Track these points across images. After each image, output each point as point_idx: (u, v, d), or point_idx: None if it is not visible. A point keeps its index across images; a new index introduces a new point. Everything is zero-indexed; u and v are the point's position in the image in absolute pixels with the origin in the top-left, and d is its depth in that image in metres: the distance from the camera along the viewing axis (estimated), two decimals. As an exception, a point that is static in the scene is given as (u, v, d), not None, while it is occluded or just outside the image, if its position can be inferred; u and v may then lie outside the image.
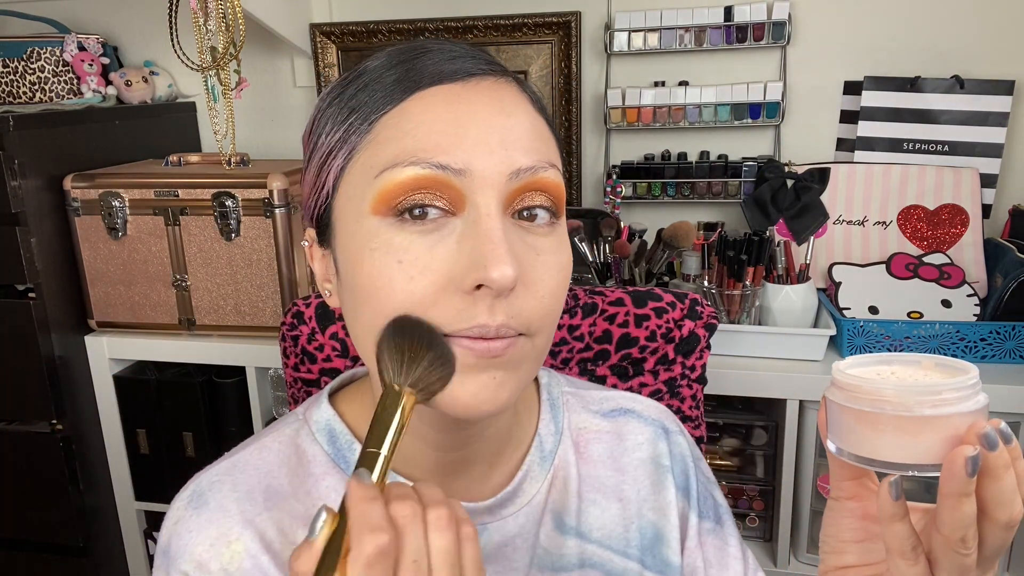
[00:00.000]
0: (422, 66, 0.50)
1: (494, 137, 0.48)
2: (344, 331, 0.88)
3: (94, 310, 1.45)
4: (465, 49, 0.52)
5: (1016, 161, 1.48)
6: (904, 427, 0.44)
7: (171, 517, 0.58)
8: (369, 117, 0.50)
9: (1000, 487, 0.43)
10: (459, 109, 0.48)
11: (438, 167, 0.47)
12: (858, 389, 0.45)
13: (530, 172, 0.49)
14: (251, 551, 0.54)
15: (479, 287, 0.46)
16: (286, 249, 1.36)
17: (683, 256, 1.41)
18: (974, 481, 0.43)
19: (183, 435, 1.48)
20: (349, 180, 0.51)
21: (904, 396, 0.44)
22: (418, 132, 0.48)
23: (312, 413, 0.62)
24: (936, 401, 0.43)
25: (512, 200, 0.49)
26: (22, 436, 1.44)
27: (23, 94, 1.57)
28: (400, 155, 0.48)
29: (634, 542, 0.64)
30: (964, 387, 0.44)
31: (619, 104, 1.54)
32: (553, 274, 0.50)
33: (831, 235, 1.46)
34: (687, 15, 1.49)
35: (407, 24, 1.60)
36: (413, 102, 0.49)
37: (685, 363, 0.92)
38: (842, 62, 1.51)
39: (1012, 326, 1.22)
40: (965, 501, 0.43)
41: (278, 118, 1.78)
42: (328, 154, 0.52)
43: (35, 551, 1.51)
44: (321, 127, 0.53)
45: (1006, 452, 0.43)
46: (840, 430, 0.47)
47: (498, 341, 0.47)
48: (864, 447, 0.45)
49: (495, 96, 0.50)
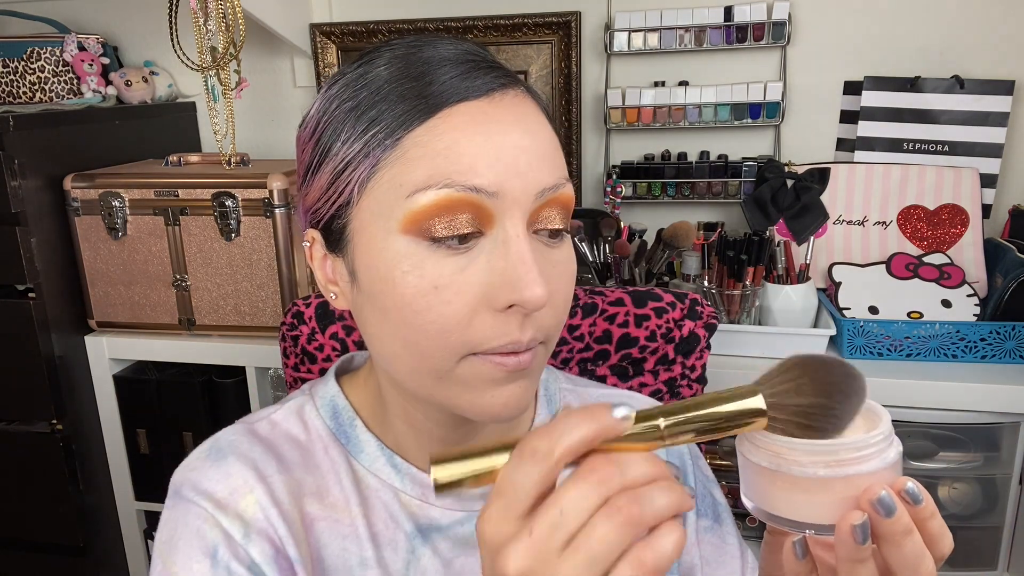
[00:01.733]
0: (444, 79, 0.50)
1: (522, 159, 0.49)
2: (344, 331, 0.88)
3: (94, 310, 1.45)
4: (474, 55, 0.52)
5: (1016, 161, 1.48)
6: (800, 486, 0.41)
7: (187, 466, 0.59)
8: (394, 132, 0.49)
9: (901, 553, 0.41)
10: (489, 130, 0.49)
11: (472, 190, 0.48)
12: (757, 442, 0.43)
13: (552, 190, 0.51)
14: (263, 504, 0.56)
15: (511, 306, 0.48)
16: (286, 249, 1.36)
17: (683, 256, 1.41)
18: (868, 548, 0.41)
19: (183, 435, 1.48)
20: (373, 195, 0.50)
21: (800, 455, 0.41)
22: (450, 153, 0.48)
23: (318, 389, 0.64)
24: (832, 461, 0.41)
25: (534, 219, 0.51)
26: (22, 436, 1.44)
27: (23, 94, 1.57)
28: (433, 176, 0.48)
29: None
30: (867, 445, 0.41)
31: (619, 104, 1.54)
32: (566, 282, 0.53)
33: (831, 235, 1.46)
34: (687, 15, 1.49)
35: (407, 24, 1.60)
36: (441, 120, 0.49)
37: (685, 363, 0.92)
38: (842, 62, 1.51)
39: (1012, 326, 1.22)
40: (860, 568, 0.42)
41: (278, 118, 1.78)
42: (347, 165, 0.51)
43: (35, 551, 1.51)
44: (334, 134, 0.52)
45: (905, 517, 0.41)
46: (746, 482, 0.45)
47: (526, 353, 0.51)
48: (766, 502, 0.43)
49: (519, 113, 0.51)
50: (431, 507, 0.60)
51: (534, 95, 0.55)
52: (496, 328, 0.49)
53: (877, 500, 0.40)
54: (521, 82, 0.54)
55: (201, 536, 0.54)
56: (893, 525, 0.41)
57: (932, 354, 1.24)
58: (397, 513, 0.60)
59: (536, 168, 0.50)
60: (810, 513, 0.42)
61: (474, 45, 0.54)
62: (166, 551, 0.55)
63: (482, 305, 0.49)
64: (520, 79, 0.55)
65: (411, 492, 0.60)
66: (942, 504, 1.26)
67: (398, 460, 0.60)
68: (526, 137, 0.50)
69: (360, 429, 0.61)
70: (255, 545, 0.54)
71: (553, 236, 0.52)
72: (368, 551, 0.58)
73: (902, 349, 1.24)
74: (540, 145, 0.51)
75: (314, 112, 0.55)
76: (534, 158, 0.50)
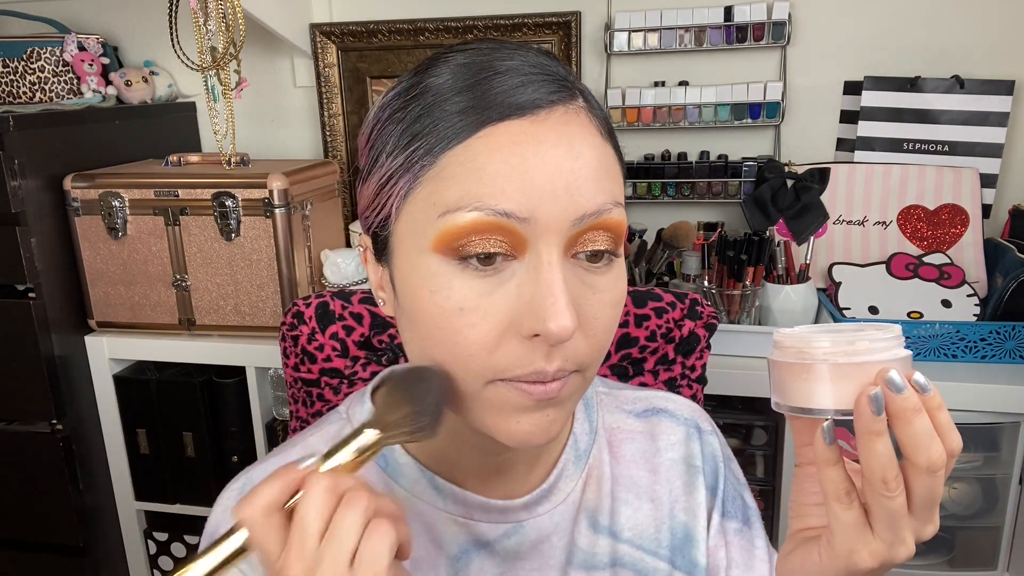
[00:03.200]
0: (491, 94, 0.48)
1: (560, 182, 0.47)
2: (344, 331, 0.88)
3: (94, 310, 1.45)
4: (534, 66, 0.50)
5: (1016, 161, 1.48)
6: (823, 375, 0.47)
7: (221, 504, 0.60)
8: (433, 149, 0.48)
9: (912, 430, 0.45)
10: (527, 152, 0.47)
11: (502, 214, 0.46)
12: (788, 344, 0.49)
13: (594, 216, 0.48)
14: None
15: (537, 335, 0.47)
16: (286, 249, 1.36)
17: (683, 256, 1.41)
18: (882, 420, 0.45)
19: (183, 435, 1.48)
20: (410, 212, 0.50)
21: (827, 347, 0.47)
22: (483, 175, 0.47)
23: (355, 411, 0.64)
24: (854, 350, 0.47)
25: (574, 243, 0.48)
26: (22, 436, 1.44)
27: (23, 94, 1.57)
28: (464, 198, 0.47)
29: (665, 542, 0.65)
30: (882, 339, 0.47)
31: (619, 104, 1.54)
32: (608, 311, 0.51)
33: (831, 235, 1.46)
34: (687, 15, 1.49)
35: (407, 24, 1.60)
36: (480, 140, 0.47)
37: (685, 363, 0.92)
38: (842, 62, 1.51)
39: (1012, 326, 1.22)
40: (877, 440, 0.45)
41: (278, 118, 1.78)
42: (389, 178, 0.51)
43: (35, 551, 1.51)
44: (382, 143, 0.52)
45: (914, 396, 0.45)
46: (777, 385, 0.50)
47: (554, 383, 0.49)
48: (794, 397, 0.49)
49: (564, 133, 0.48)
50: (476, 523, 0.60)
51: (593, 110, 0.52)
52: (522, 356, 0.48)
53: (888, 378, 0.45)
54: (582, 94, 0.52)
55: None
56: (904, 402, 0.45)
57: (932, 354, 1.24)
58: (440, 535, 0.59)
59: (577, 192, 0.47)
60: (833, 399, 0.47)
61: (538, 54, 0.51)
62: None
63: (510, 330, 0.48)
64: (582, 91, 0.52)
65: (454, 511, 0.60)
66: (942, 504, 1.26)
67: (440, 481, 0.60)
68: (567, 159, 0.47)
69: (399, 452, 0.61)
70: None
71: (595, 260, 0.49)
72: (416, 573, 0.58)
73: (902, 349, 1.24)
74: (584, 167, 0.48)
75: (370, 119, 0.54)
76: (576, 181, 0.47)
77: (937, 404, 0.46)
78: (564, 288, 0.46)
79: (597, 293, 0.50)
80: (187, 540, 1.57)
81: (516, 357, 0.48)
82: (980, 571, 1.28)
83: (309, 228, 1.42)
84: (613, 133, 0.53)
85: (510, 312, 0.47)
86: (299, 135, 1.78)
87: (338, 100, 1.69)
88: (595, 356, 0.51)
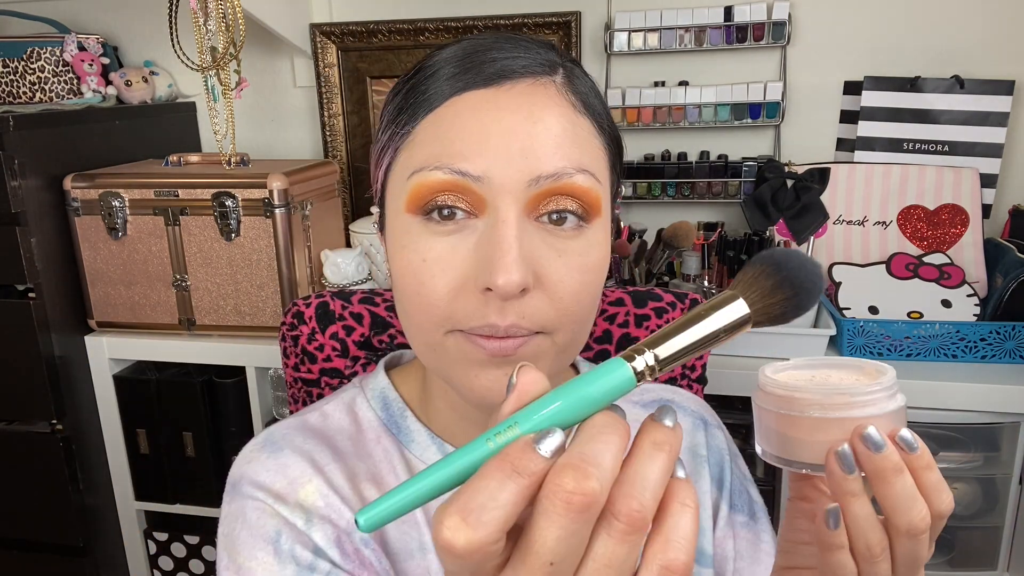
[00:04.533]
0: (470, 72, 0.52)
1: (515, 144, 0.49)
2: (344, 331, 0.88)
3: (94, 310, 1.45)
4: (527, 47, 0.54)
5: (1016, 161, 1.48)
6: (800, 427, 0.45)
7: (244, 458, 0.61)
8: (410, 121, 0.53)
9: (891, 491, 0.43)
10: (485, 116, 0.50)
11: (458, 173, 0.49)
12: (772, 390, 0.47)
13: (552, 179, 0.50)
14: (323, 492, 0.58)
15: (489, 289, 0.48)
16: (286, 249, 1.36)
17: (683, 256, 1.41)
18: (856, 480, 0.43)
19: (183, 435, 1.48)
20: (393, 179, 0.55)
21: (810, 398, 0.45)
22: (446, 138, 0.50)
23: (368, 382, 0.67)
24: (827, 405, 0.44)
25: (537, 204, 0.50)
26: (22, 436, 1.44)
27: (23, 94, 1.57)
28: (428, 159, 0.51)
29: None
30: (869, 392, 0.44)
31: (619, 104, 1.54)
32: (575, 275, 0.51)
33: (831, 235, 1.46)
34: (687, 15, 1.49)
35: (407, 24, 1.60)
36: (447, 107, 0.51)
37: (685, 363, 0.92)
38: (842, 62, 1.51)
39: (1012, 326, 1.22)
40: (852, 501, 0.44)
41: (278, 118, 1.78)
42: (381, 151, 0.56)
43: (35, 551, 1.51)
44: (382, 122, 0.57)
45: (894, 455, 0.43)
46: (760, 430, 0.48)
47: (508, 340, 0.50)
48: (772, 444, 0.47)
49: (526, 101, 0.51)
50: None
51: (572, 85, 0.54)
52: (476, 309, 0.50)
53: (865, 435, 0.43)
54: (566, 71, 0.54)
55: (261, 526, 0.56)
56: (882, 461, 0.42)
57: (932, 354, 1.24)
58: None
59: (532, 155, 0.49)
60: (807, 453, 0.45)
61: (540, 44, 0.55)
62: (228, 544, 0.57)
63: (467, 284, 0.50)
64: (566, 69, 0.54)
65: None
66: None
67: (448, 447, 0.62)
68: (525, 124, 0.50)
69: (411, 419, 0.64)
70: (317, 530, 0.56)
71: (559, 223, 0.51)
72: (427, 535, 0.60)
73: (902, 349, 1.24)
74: (545, 132, 0.50)
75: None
76: (533, 144, 0.50)
77: (925, 463, 0.43)
78: (516, 245, 0.48)
79: (563, 256, 0.51)
80: (187, 540, 1.57)
81: (472, 309, 0.50)
82: (980, 571, 1.28)
83: (309, 228, 1.42)
84: (601, 113, 0.55)
85: (468, 266, 0.50)
86: (299, 135, 1.78)
87: (338, 100, 1.69)
88: (562, 320, 0.51)
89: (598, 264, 0.53)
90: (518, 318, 0.49)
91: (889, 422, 0.44)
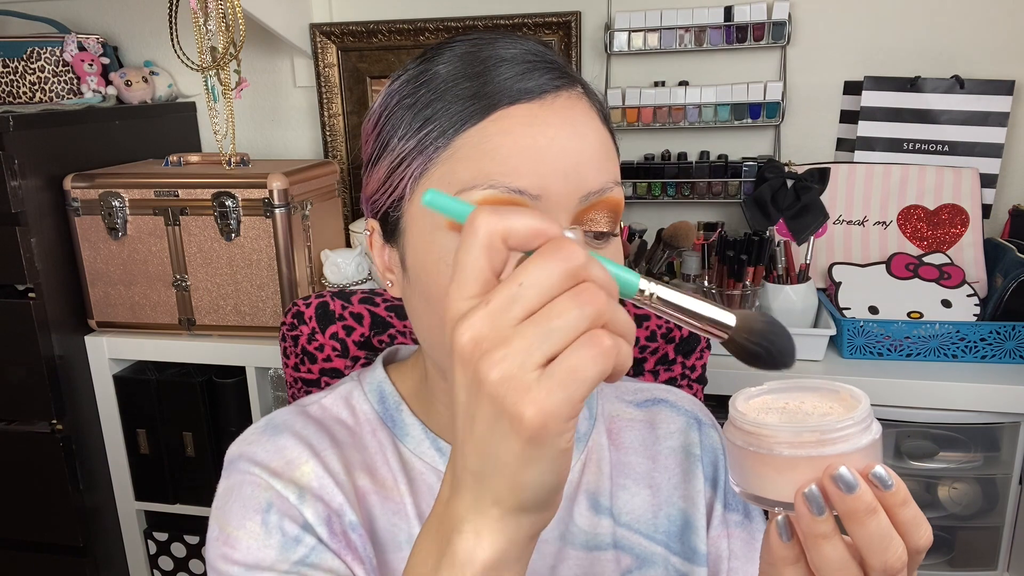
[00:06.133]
0: (499, 80, 0.51)
1: (568, 161, 0.50)
2: (344, 331, 0.88)
3: (94, 310, 1.45)
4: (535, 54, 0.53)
5: (1016, 161, 1.48)
6: (771, 465, 0.43)
7: (243, 440, 0.62)
8: (447, 131, 0.51)
9: (866, 532, 0.41)
10: (536, 132, 0.50)
11: (516, 191, 0.49)
12: (742, 425, 0.45)
13: (598, 194, 0.52)
14: (318, 474, 0.59)
15: None
16: (286, 249, 1.36)
17: (683, 256, 1.41)
18: (827, 521, 0.42)
19: (183, 435, 1.48)
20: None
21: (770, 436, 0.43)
22: (496, 155, 0.50)
23: (366, 376, 0.68)
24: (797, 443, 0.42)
25: (580, 219, 0.52)
26: (22, 436, 1.44)
27: (23, 94, 1.57)
28: (478, 177, 0.50)
29: (662, 528, 0.66)
30: (832, 429, 0.42)
31: (619, 104, 1.54)
32: None
33: (831, 235, 1.46)
34: (687, 15, 1.49)
35: (407, 24, 1.60)
36: (492, 122, 0.50)
37: (685, 363, 0.92)
38: (842, 62, 1.51)
39: (1012, 326, 1.22)
40: (823, 543, 0.42)
41: (278, 118, 1.78)
42: (402, 160, 0.54)
43: (35, 551, 1.51)
44: (392, 129, 0.55)
45: (867, 495, 0.41)
46: (733, 464, 0.47)
47: None
48: (745, 481, 0.45)
49: (569, 116, 0.52)
50: None
51: (591, 96, 0.56)
52: None
53: (837, 475, 0.41)
54: (579, 82, 0.55)
55: (254, 497, 0.57)
56: (854, 502, 0.41)
57: (932, 354, 1.24)
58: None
59: (582, 171, 0.51)
60: (779, 491, 0.43)
61: (536, 44, 0.55)
62: (220, 515, 0.58)
63: None
64: (579, 80, 0.56)
65: None
66: (942, 504, 1.26)
67: (442, 443, 0.63)
68: (574, 140, 0.51)
69: (406, 413, 0.64)
70: (309, 507, 0.57)
71: (598, 238, 0.53)
72: (416, 529, 0.60)
73: (902, 349, 1.24)
74: (589, 148, 0.51)
75: (377, 106, 0.57)
76: (581, 161, 0.51)
77: (901, 500, 0.42)
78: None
79: None
80: (187, 540, 1.57)
81: None
82: (980, 571, 1.28)
83: (309, 228, 1.42)
84: (610, 120, 0.57)
85: None
86: (299, 135, 1.78)
87: (338, 100, 1.69)
88: None
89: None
90: None
91: (862, 458, 0.42)
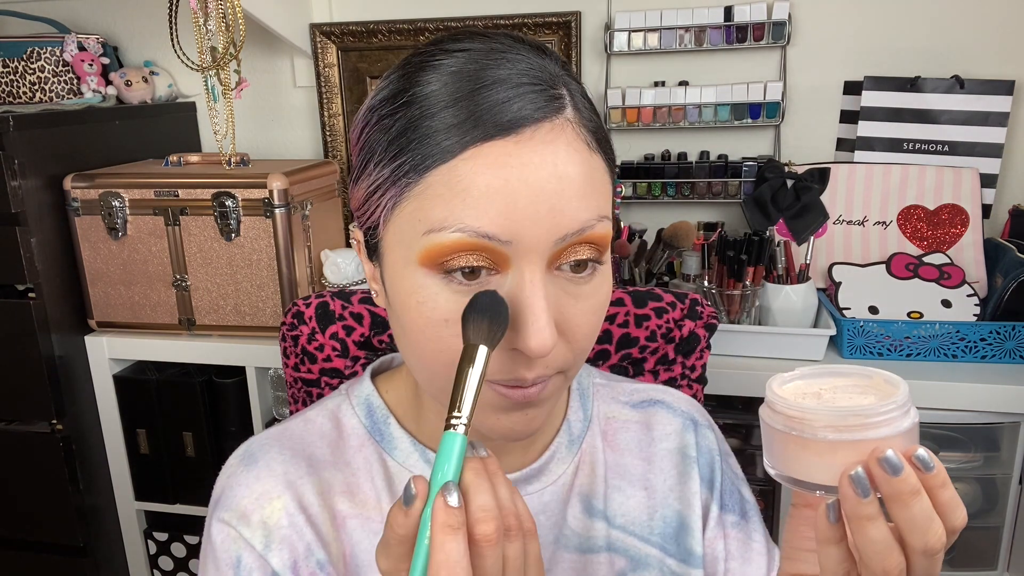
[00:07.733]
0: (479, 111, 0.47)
1: (543, 204, 0.47)
2: (344, 331, 0.88)
3: (94, 310, 1.45)
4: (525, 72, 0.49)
5: (1016, 161, 1.48)
6: (812, 449, 0.44)
7: (225, 472, 0.63)
8: (419, 166, 0.48)
9: (909, 514, 0.42)
10: (511, 175, 0.47)
11: (484, 236, 0.47)
12: (782, 410, 0.46)
13: (577, 233, 0.49)
14: (289, 510, 0.59)
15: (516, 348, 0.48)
16: (286, 249, 1.36)
17: (683, 256, 1.41)
18: (872, 503, 0.43)
19: (183, 435, 1.48)
20: (397, 224, 0.50)
21: (812, 420, 0.44)
22: (467, 196, 0.47)
23: (354, 389, 0.67)
24: (841, 426, 0.43)
25: (558, 257, 0.49)
26: (22, 436, 1.44)
27: (23, 94, 1.57)
28: (448, 219, 0.47)
29: (657, 530, 0.66)
30: (875, 413, 0.43)
31: (619, 104, 1.54)
32: (590, 318, 0.52)
33: (831, 235, 1.46)
34: (687, 15, 1.49)
35: (407, 24, 1.60)
36: (464, 161, 0.47)
37: (685, 363, 0.92)
38: (842, 62, 1.51)
39: (1012, 326, 1.22)
40: (868, 525, 0.43)
41: (278, 118, 1.78)
42: (377, 188, 0.51)
43: (35, 551, 1.51)
44: (370, 151, 0.52)
45: (912, 478, 0.42)
46: (770, 449, 0.47)
47: (533, 388, 0.51)
48: (783, 464, 0.46)
49: (550, 151, 0.48)
50: None
51: (582, 120, 0.51)
52: (502, 364, 0.50)
53: (883, 458, 0.42)
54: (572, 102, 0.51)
55: (226, 552, 0.58)
56: (900, 484, 0.42)
57: (932, 354, 1.24)
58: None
59: (558, 213, 0.48)
60: (821, 475, 0.44)
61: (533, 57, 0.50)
62: (200, 568, 0.60)
63: None
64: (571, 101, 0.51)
65: None
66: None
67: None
68: (551, 181, 0.47)
69: (394, 426, 0.63)
70: (275, 555, 0.58)
71: (579, 270, 0.50)
72: None
73: (902, 349, 1.24)
74: (569, 187, 0.48)
75: (359, 119, 0.54)
76: (560, 202, 0.47)
77: (941, 482, 0.43)
78: (545, 307, 0.48)
79: (580, 301, 0.51)
80: (187, 540, 1.57)
81: (498, 366, 0.50)
82: (980, 571, 1.28)
83: (309, 228, 1.42)
84: (604, 140, 0.53)
85: None
86: (299, 135, 1.78)
87: (338, 100, 1.69)
88: (578, 359, 0.53)
89: (607, 297, 0.54)
90: (544, 369, 0.51)
91: (904, 441, 0.43)
